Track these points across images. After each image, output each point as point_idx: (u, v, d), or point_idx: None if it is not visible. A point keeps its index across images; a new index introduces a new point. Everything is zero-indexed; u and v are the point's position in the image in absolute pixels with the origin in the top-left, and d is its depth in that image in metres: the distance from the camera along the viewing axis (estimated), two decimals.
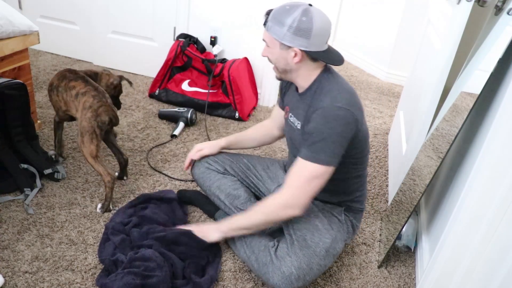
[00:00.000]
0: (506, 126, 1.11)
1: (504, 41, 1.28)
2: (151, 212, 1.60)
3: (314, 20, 1.27)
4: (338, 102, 1.30)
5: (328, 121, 1.29)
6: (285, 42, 1.30)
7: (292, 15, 1.27)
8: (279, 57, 1.35)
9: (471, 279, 1.28)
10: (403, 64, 3.39)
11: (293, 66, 1.35)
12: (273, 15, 1.31)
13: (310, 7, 1.29)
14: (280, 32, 1.29)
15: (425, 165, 1.57)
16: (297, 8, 1.28)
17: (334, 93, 1.32)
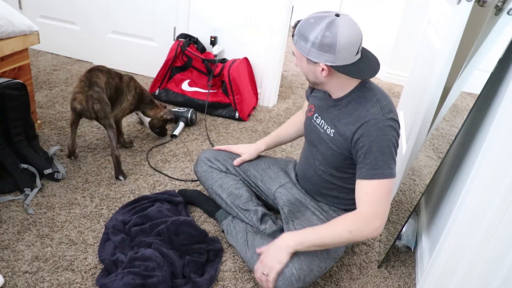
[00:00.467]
0: (506, 126, 1.11)
1: (504, 41, 1.28)
2: (156, 210, 1.61)
3: (339, 34, 1.21)
4: (388, 113, 1.29)
5: (384, 133, 1.27)
6: (311, 58, 1.27)
7: (316, 30, 1.23)
8: (308, 71, 1.33)
9: (471, 279, 1.28)
10: (403, 64, 3.39)
11: (322, 79, 1.33)
12: (298, 29, 1.27)
13: (336, 19, 1.23)
14: (305, 48, 1.26)
15: (425, 165, 1.57)
16: (322, 22, 1.22)
17: (381, 103, 1.31)
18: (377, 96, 1.34)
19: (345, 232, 1.29)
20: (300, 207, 1.52)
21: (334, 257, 1.42)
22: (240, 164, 1.69)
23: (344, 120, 1.35)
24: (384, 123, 1.28)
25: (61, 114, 2.31)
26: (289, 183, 1.62)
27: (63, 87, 2.61)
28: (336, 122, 1.38)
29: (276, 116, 2.65)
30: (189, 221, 1.54)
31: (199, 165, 1.72)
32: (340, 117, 1.37)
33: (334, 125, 1.39)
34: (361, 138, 1.29)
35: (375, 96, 1.34)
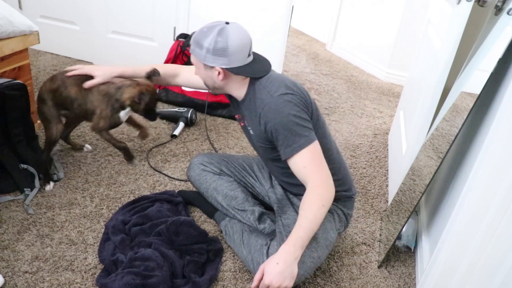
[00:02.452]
0: (506, 126, 1.11)
1: (504, 41, 1.28)
2: (156, 210, 1.61)
3: (230, 39, 1.33)
4: (275, 92, 1.35)
5: (278, 111, 1.33)
6: (207, 63, 1.37)
7: (209, 37, 1.33)
8: (206, 77, 1.42)
9: (471, 279, 1.28)
10: (403, 64, 3.39)
11: (220, 83, 1.42)
12: (193, 38, 1.38)
13: (226, 26, 1.34)
14: (201, 54, 1.36)
15: (425, 165, 1.57)
16: (213, 30, 1.33)
17: (267, 87, 1.38)
18: (263, 83, 1.40)
19: (321, 209, 1.33)
20: (286, 203, 1.55)
21: (325, 245, 1.42)
22: (90, 87, 1.67)
23: (250, 116, 1.44)
24: (276, 102, 1.34)
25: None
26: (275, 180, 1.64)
27: None
28: (249, 121, 1.46)
29: None
30: (189, 221, 1.54)
31: (191, 170, 1.71)
32: (249, 115, 1.45)
33: (250, 123, 1.46)
34: (267, 126, 1.36)
35: (261, 84, 1.40)
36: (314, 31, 4.48)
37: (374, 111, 2.93)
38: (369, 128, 2.66)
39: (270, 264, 1.26)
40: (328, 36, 4.10)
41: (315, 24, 4.45)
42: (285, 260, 1.25)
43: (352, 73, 3.60)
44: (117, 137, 2.18)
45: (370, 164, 2.27)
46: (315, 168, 1.35)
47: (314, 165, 1.35)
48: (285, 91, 1.35)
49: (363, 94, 3.17)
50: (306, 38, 4.45)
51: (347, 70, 3.65)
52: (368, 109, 2.93)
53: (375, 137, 2.55)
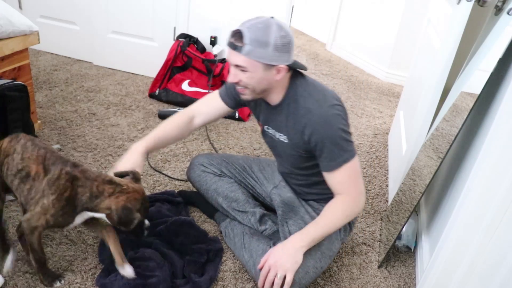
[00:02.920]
0: (506, 126, 1.11)
1: (504, 41, 1.28)
2: (156, 210, 1.61)
3: (290, 32, 1.25)
4: (324, 103, 1.31)
5: (328, 124, 1.29)
6: (272, 62, 1.25)
7: (271, 33, 1.21)
8: (261, 79, 1.28)
9: (471, 279, 1.28)
10: (403, 64, 3.39)
11: (274, 83, 1.32)
12: (250, 38, 1.21)
13: (276, 19, 1.25)
14: (265, 54, 1.22)
15: (425, 165, 1.57)
16: (271, 25, 1.22)
17: (314, 96, 1.32)
18: (308, 90, 1.34)
19: (343, 218, 1.37)
20: (293, 207, 1.52)
21: (329, 255, 1.42)
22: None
23: (290, 123, 1.37)
24: (326, 114, 1.30)
25: (61, 114, 2.31)
26: (282, 182, 1.62)
27: (63, 87, 2.61)
28: (284, 127, 1.39)
29: None
30: (189, 221, 1.54)
31: (192, 170, 1.70)
32: (285, 122, 1.38)
33: (284, 131, 1.40)
34: (312, 137, 1.31)
35: (306, 91, 1.34)
36: (314, 31, 4.48)
37: (374, 111, 2.93)
38: (369, 128, 2.66)
39: (276, 247, 1.34)
40: (328, 36, 4.10)
41: (315, 24, 4.45)
42: (292, 246, 1.32)
43: (352, 73, 3.60)
44: (117, 136, 2.18)
45: (370, 164, 2.27)
46: (352, 183, 1.36)
47: (353, 179, 1.36)
48: (333, 102, 1.32)
49: (363, 94, 3.17)
50: (306, 38, 4.45)
51: (347, 70, 3.65)
52: (368, 109, 2.93)
53: (375, 137, 2.55)
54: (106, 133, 2.20)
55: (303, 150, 1.38)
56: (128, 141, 2.17)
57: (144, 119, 2.40)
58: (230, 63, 1.29)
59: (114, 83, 2.75)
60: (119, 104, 2.51)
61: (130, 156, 1.42)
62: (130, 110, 2.46)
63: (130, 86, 2.75)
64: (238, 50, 1.24)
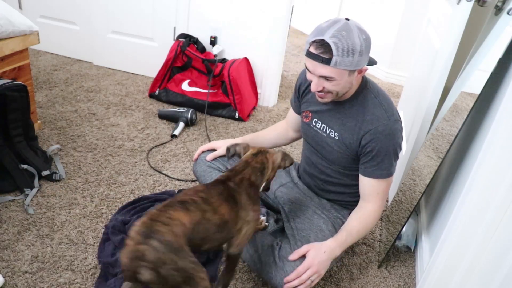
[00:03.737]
0: (506, 126, 1.11)
1: (504, 41, 1.28)
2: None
3: (367, 32, 1.24)
4: (392, 116, 1.34)
5: (391, 137, 1.33)
6: (358, 67, 1.24)
7: (356, 39, 1.19)
8: (345, 84, 1.28)
9: (471, 279, 1.28)
10: (403, 64, 3.38)
11: (354, 84, 1.33)
12: (338, 48, 1.18)
13: (354, 21, 1.23)
14: (352, 62, 1.21)
15: (425, 165, 1.58)
16: (352, 30, 1.19)
17: (383, 105, 1.35)
18: (378, 98, 1.36)
19: (368, 229, 1.42)
20: (301, 206, 1.52)
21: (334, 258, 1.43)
22: (212, 159, 1.62)
23: (350, 123, 1.37)
24: (392, 128, 1.32)
25: (61, 114, 2.31)
26: (290, 183, 1.62)
27: (63, 87, 2.61)
28: (340, 125, 1.40)
29: (276, 116, 2.65)
30: None
31: (198, 165, 1.71)
32: (344, 121, 1.39)
33: (339, 128, 1.40)
34: (370, 143, 1.33)
35: (376, 98, 1.36)
36: None
37: None
38: None
39: (319, 250, 1.31)
40: None
41: (315, 24, 4.44)
42: (330, 254, 1.32)
43: None
44: (117, 136, 2.18)
45: None
46: (384, 197, 1.41)
47: (385, 194, 1.42)
48: (398, 118, 1.35)
49: None
50: (306, 38, 4.45)
51: None
52: None
53: None
54: (106, 133, 2.20)
55: (351, 150, 1.39)
56: (128, 141, 2.17)
57: (144, 119, 2.40)
58: (313, 74, 1.27)
59: (114, 83, 2.75)
60: (119, 104, 2.51)
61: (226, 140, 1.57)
62: (130, 110, 2.47)
63: (130, 86, 2.75)
64: (325, 63, 1.21)
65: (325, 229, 1.43)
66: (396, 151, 1.36)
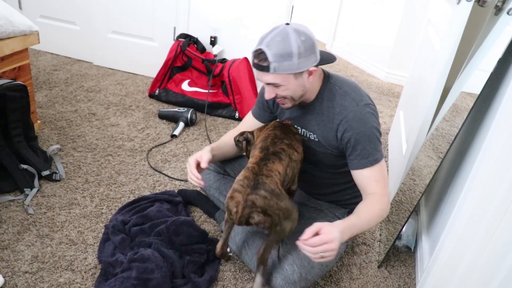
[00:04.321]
0: (506, 126, 1.11)
1: (504, 41, 1.28)
2: (156, 210, 1.61)
3: (309, 33, 1.24)
4: (360, 101, 1.32)
5: (363, 122, 1.30)
6: (301, 69, 1.25)
7: (292, 43, 1.20)
8: (296, 87, 1.29)
9: (471, 279, 1.28)
10: (403, 64, 3.39)
11: (308, 86, 1.32)
12: (273, 54, 1.21)
13: (291, 25, 1.24)
14: (292, 65, 1.22)
15: (425, 165, 1.57)
16: (288, 34, 1.21)
17: (350, 94, 1.34)
18: (343, 89, 1.35)
19: (378, 218, 1.33)
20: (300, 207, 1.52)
21: None
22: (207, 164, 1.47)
23: (324, 121, 1.37)
24: (362, 112, 1.31)
25: (61, 114, 2.31)
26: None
27: (63, 87, 2.61)
28: (315, 126, 1.39)
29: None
30: (189, 221, 1.54)
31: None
32: (319, 120, 1.38)
33: (317, 129, 1.39)
34: (345, 134, 1.32)
35: (341, 89, 1.35)
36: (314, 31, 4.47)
37: None
38: None
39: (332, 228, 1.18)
40: (328, 36, 4.10)
41: (315, 24, 4.45)
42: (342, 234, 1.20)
43: (352, 73, 3.60)
44: (117, 136, 2.18)
45: None
46: (385, 184, 1.36)
47: (384, 180, 1.36)
48: (368, 101, 1.34)
49: None
50: None
51: (347, 70, 3.65)
52: None
53: None
54: (106, 133, 2.20)
55: (334, 148, 1.38)
56: (128, 141, 2.17)
57: (144, 119, 2.40)
58: (262, 82, 1.30)
59: (114, 83, 2.75)
60: (119, 104, 2.51)
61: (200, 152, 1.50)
62: (130, 110, 2.47)
63: (130, 86, 2.75)
64: (265, 70, 1.24)
65: None
66: (374, 134, 1.31)
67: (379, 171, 1.34)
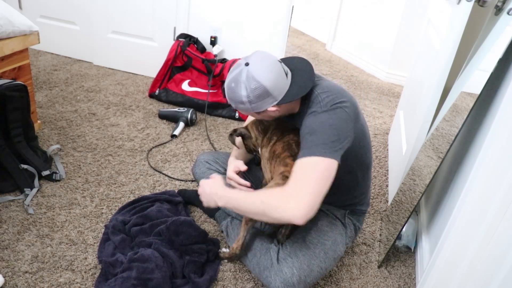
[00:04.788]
0: (506, 126, 1.11)
1: (504, 41, 1.28)
2: (156, 210, 1.61)
3: (261, 79, 1.23)
4: (323, 100, 1.26)
5: (317, 116, 1.25)
6: (257, 111, 1.30)
7: (242, 91, 1.25)
8: (269, 115, 1.34)
9: (471, 279, 1.28)
10: (403, 64, 3.39)
11: (282, 111, 1.35)
12: (229, 98, 1.31)
13: (250, 68, 1.24)
14: (247, 108, 1.29)
15: (425, 165, 1.57)
16: (240, 80, 1.24)
17: (320, 96, 1.28)
18: (316, 92, 1.29)
19: (258, 201, 1.21)
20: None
21: (333, 257, 1.42)
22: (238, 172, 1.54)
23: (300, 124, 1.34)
24: (319, 110, 1.25)
25: (61, 114, 2.31)
26: None
27: (63, 87, 2.61)
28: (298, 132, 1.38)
29: None
30: (189, 221, 1.54)
31: (197, 167, 1.71)
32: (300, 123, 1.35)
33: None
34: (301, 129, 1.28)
35: (315, 93, 1.29)
36: (314, 31, 4.48)
37: (374, 111, 2.93)
38: (369, 128, 2.66)
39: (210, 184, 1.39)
40: (328, 36, 4.11)
41: (315, 24, 4.45)
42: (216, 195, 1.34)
43: (352, 73, 3.60)
44: (117, 136, 2.18)
45: None
46: (300, 179, 1.18)
47: (303, 177, 1.18)
48: (335, 102, 1.25)
49: (363, 94, 3.17)
50: (306, 38, 4.45)
51: (347, 70, 3.65)
52: (368, 109, 2.93)
53: (375, 137, 2.55)
54: (106, 133, 2.20)
55: None
56: (128, 141, 2.17)
57: (144, 119, 2.40)
58: None
59: (114, 83, 2.75)
60: (119, 104, 2.51)
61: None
62: (130, 110, 2.47)
63: (130, 86, 2.75)
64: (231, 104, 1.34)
65: (321, 229, 1.43)
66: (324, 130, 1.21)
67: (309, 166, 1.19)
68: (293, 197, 1.15)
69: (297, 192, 1.15)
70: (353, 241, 1.59)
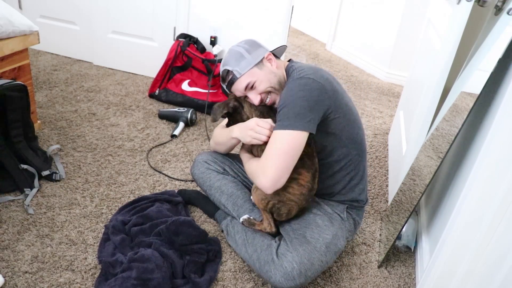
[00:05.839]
0: (506, 126, 1.11)
1: (504, 41, 1.28)
2: (156, 210, 1.61)
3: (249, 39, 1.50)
4: (298, 75, 1.35)
5: (290, 90, 1.34)
6: (257, 60, 1.43)
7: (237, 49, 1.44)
8: (267, 76, 1.43)
9: (471, 279, 1.28)
10: (403, 64, 3.39)
11: (278, 71, 1.45)
12: (231, 64, 1.43)
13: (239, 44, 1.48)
14: (248, 61, 1.42)
15: (425, 165, 1.57)
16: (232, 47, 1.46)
17: (296, 71, 1.38)
18: (294, 67, 1.41)
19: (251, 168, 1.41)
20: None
21: (334, 251, 1.43)
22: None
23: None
24: (292, 84, 1.34)
25: (61, 114, 2.31)
26: None
27: (63, 87, 2.61)
28: None
29: None
30: (189, 221, 1.54)
31: (196, 167, 1.71)
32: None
33: None
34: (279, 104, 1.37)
35: (292, 67, 1.42)
36: (314, 31, 4.48)
37: (374, 111, 2.93)
38: (369, 128, 2.66)
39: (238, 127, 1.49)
40: (328, 36, 4.11)
41: (315, 24, 4.45)
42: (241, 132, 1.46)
43: (352, 73, 3.60)
44: (117, 136, 2.19)
45: (370, 164, 2.27)
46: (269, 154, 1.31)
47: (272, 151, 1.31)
48: (305, 74, 1.34)
49: (363, 94, 3.17)
50: (306, 38, 4.45)
51: (347, 70, 3.65)
52: (368, 109, 2.93)
53: (375, 137, 2.55)
54: (106, 133, 2.20)
55: None
56: (128, 141, 2.17)
57: (144, 119, 2.40)
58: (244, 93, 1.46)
59: (114, 83, 2.75)
60: (119, 104, 2.51)
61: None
62: (130, 110, 2.47)
63: (130, 86, 2.75)
64: (235, 79, 1.44)
65: (322, 224, 1.44)
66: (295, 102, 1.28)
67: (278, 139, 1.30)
68: (263, 170, 1.32)
69: (265, 166, 1.31)
70: (353, 235, 1.59)
